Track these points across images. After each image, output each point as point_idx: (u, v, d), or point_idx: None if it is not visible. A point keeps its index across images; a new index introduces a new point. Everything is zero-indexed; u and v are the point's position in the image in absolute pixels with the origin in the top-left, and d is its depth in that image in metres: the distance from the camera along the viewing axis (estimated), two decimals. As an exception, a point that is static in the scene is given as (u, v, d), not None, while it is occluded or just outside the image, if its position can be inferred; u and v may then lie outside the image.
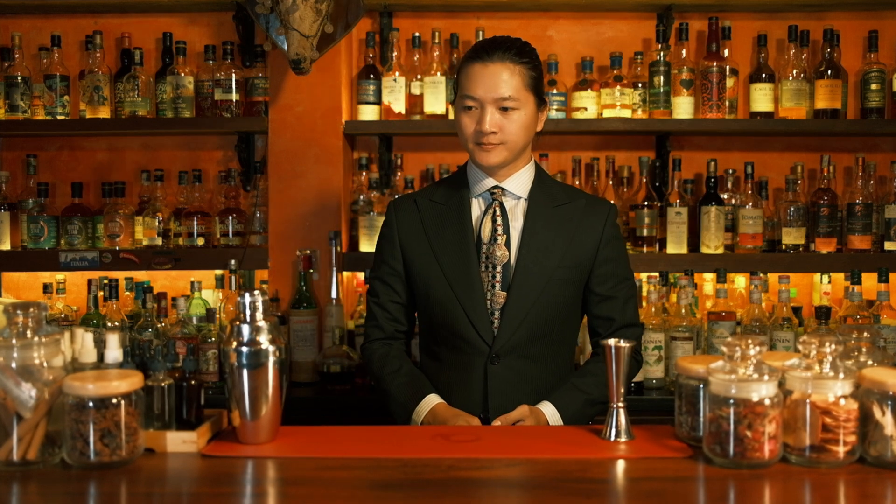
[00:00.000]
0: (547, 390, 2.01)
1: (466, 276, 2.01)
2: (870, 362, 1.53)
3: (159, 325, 2.94)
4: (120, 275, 3.14)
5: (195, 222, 3.14)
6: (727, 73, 3.10)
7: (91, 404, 1.42)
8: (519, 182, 2.08)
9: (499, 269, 2.01)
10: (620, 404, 1.60)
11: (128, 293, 3.14)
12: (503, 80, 1.96)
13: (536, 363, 2.03)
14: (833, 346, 1.45)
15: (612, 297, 2.08)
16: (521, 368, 2.01)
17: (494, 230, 2.03)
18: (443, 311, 2.04)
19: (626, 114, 3.12)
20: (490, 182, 2.07)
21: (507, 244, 2.03)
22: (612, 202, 2.19)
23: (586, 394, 2.01)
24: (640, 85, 3.14)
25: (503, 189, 2.07)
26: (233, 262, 3.04)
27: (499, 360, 2.00)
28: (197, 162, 3.38)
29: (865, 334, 1.56)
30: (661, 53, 3.11)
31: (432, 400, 1.99)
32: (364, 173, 3.24)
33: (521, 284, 2.00)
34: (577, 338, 2.20)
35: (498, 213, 2.05)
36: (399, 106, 3.12)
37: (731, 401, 1.41)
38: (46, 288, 3.06)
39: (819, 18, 3.26)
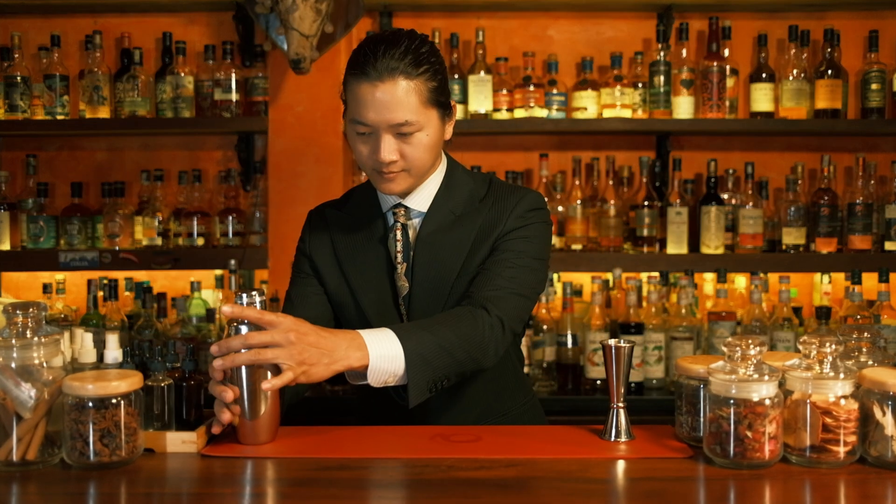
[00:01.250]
0: (490, 406, 1.85)
1: (380, 306, 1.79)
2: (870, 362, 1.53)
3: (159, 326, 2.94)
4: (120, 275, 3.14)
5: (195, 222, 3.14)
6: (727, 72, 3.10)
7: (91, 404, 1.42)
8: (422, 197, 1.80)
9: (400, 301, 1.79)
10: (620, 404, 1.59)
11: (127, 293, 3.14)
12: (398, 102, 1.64)
13: (466, 383, 1.79)
14: (833, 347, 1.45)
15: (485, 274, 1.75)
16: (449, 392, 1.74)
17: (395, 258, 1.79)
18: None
19: (627, 114, 3.12)
20: (393, 199, 1.81)
21: (407, 272, 1.79)
22: (537, 191, 1.85)
23: (439, 336, 1.62)
24: (640, 85, 3.14)
25: (406, 207, 1.80)
26: (233, 262, 3.04)
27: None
28: (197, 162, 3.38)
29: (866, 334, 1.56)
30: (662, 53, 3.11)
31: None
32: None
33: (417, 317, 1.77)
34: (514, 346, 1.94)
35: (398, 237, 1.79)
36: (399, 106, 3.12)
37: (732, 401, 1.41)
38: (46, 288, 3.06)
39: (819, 18, 3.26)
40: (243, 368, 1.52)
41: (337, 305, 1.85)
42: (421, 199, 1.81)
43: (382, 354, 1.57)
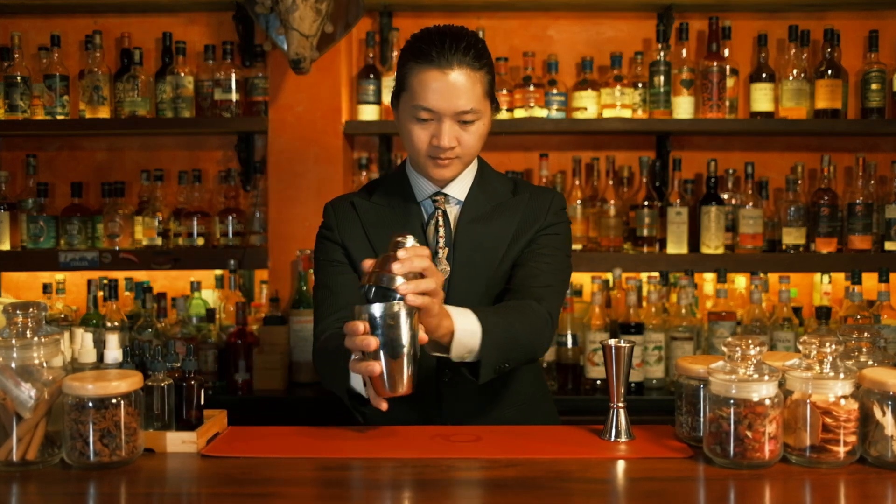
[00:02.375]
0: (512, 396, 1.88)
1: None
2: (870, 362, 1.53)
3: (159, 325, 2.94)
4: (120, 275, 3.14)
5: (195, 222, 3.14)
6: (727, 72, 3.10)
7: (91, 404, 1.42)
8: (460, 185, 1.89)
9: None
10: (620, 404, 1.59)
11: (127, 293, 3.14)
12: (465, 90, 1.74)
13: None
14: (833, 347, 1.45)
15: (528, 268, 1.83)
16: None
17: (437, 243, 1.85)
18: None
19: (627, 114, 3.12)
20: (431, 188, 1.87)
21: (449, 257, 1.85)
22: (559, 192, 1.97)
23: (508, 322, 1.71)
24: (640, 85, 3.14)
25: (446, 195, 1.88)
26: (232, 262, 3.04)
27: (450, 372, 1.81)
28: (197, 162, 3.38)
29: (866, 334, 1.56)
30: (662, 53, 3.11)
31: None
32: (364, 173, 3.24)
33: (457, 301, 1.77)
34: (561, 303, 2.00)
35: (440, 223, 1.86)
36: (399, 106, 3.12)
37: (732, 401, 1.41)
38: (46, 288, 3.06)
39: (819, 18, 3.26)
40: (406, 318, 1.49)
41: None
42: (459, 188, 1.89)
43: (465, 328, 1.63)
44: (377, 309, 1.48)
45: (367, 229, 1.88)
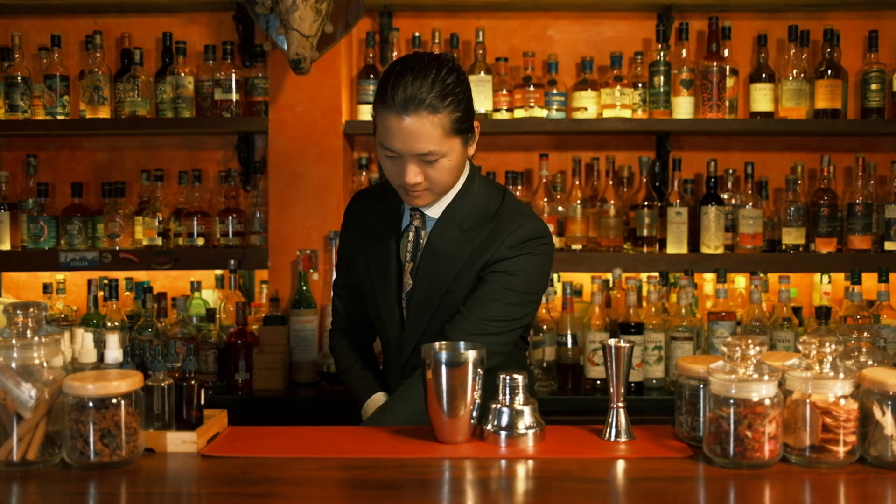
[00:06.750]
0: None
1: (386, 296, 1.95)
2: (870, 362, 1.53)
3: (159, 325, 2.94)
4: (120, 275, 3.14)
5: (195, 222, 3.14)
6: (727, 73, 3.10)
7: (91, 404, 1.42)
8: (438, 205, 1.92)
9: (403, 295, 1.94)
10: (620, 404, 1.59)
11: (128, 293, 3.14)
12: (422, 134, 1.74)
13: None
14: (833, 346, 1.45)
15: (460, 315, 1.86)
16: None
17: (405, 256, 1.94)
18: (374, 316, 2.02)
19: (627, 114, 3.12)
20: None
21: (412, 271, 1.92)
22: (539, 221, 1.93)
23: (386, 416, 1.84)
24: (640, 85, 3.14)
25: (422, 212, 1.93)
26: (233, 262, 3.05)
27: (411, 372, 1.92)
28: (197, 162, 3.38)
29: (865, 334, 1.56)
30: (661, 53, 3.11)
31: (378, 399, 1.98)
32: (364, 173, 3.24)
33: (414, 313, 1.92)
34: (519, 354, 2.05)
35: (410, 238, 1.93)
36: (399, 106, 3.12)
37: (732, 401, 1.41)
38: (46, 288, 3.06)
39: (819, 18, 3.26)
40: (472, 369, 1.57)
41: (360, 286, 2.04)
42: (436, 208, 1.92)
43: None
44: (444, 356, 1.57)
45: (363, 228, 2.02)
